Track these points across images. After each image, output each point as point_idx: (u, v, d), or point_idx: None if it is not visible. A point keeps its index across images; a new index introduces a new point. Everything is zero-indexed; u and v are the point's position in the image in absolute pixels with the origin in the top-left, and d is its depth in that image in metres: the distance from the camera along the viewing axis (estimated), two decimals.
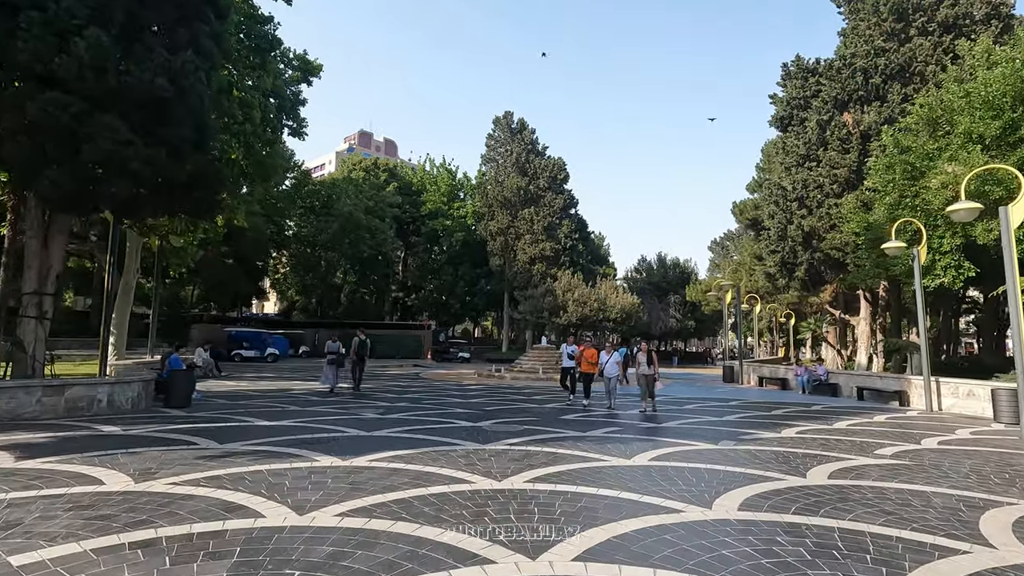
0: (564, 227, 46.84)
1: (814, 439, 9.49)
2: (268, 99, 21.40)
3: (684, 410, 13.65)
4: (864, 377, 18.51)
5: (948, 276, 16.84)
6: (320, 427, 9.53)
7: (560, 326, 43.44)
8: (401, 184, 53.22)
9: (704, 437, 9.39)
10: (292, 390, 16.67)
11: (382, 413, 11.58)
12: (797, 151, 24.86)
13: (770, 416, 12.78)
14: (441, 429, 9.60)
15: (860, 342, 25.93)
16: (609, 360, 13.37)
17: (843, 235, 22.32)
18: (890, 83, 22.58)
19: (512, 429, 9.75)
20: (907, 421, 12.48)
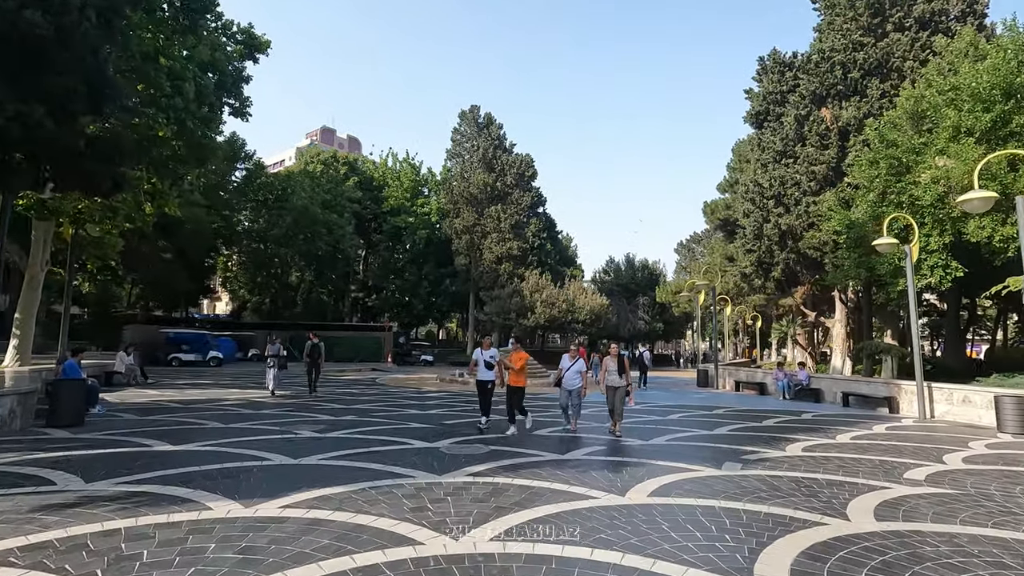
0: (532, 226, 45.42)
1: (826, 458, 8.18)
2: (205, 73, 19.16)
3: (669, 422, 12.26)
4: (849, 382, 17.63)
5: (936, 276, 16.07)
6: (237, 452, 7.66)
7: (528, 328, 41.99)
8: (362, 179, 50.75)
9: (702, 458, 7.96)
10: (225, 400, 14.57)
11: (322, 431, 9.74)
12: (774, 147, 24.06)
13: (764, 428, 11.51)
14: (389, 453, 7.86)
15: (835, 345, 25.32)
16: (571, 367, 10.20)
17: (822, 234, 21.53)
18: (869, 78, 21.96)
19: (475, 451, 8.10)
20: (909, 432, 11.40)
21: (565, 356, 10.52)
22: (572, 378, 10.26)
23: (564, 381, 10.31)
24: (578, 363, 10.28)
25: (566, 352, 10.71)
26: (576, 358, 10.36)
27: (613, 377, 9.90)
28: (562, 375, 10.34)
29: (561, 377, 10.38)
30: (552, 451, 8.25)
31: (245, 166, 39.86)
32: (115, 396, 14.82)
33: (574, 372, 10.26)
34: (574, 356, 10.37)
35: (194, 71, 18.08)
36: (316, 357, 16.37)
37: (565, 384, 10.29)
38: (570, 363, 10.28)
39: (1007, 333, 43.78)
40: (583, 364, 10.39)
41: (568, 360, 10.37)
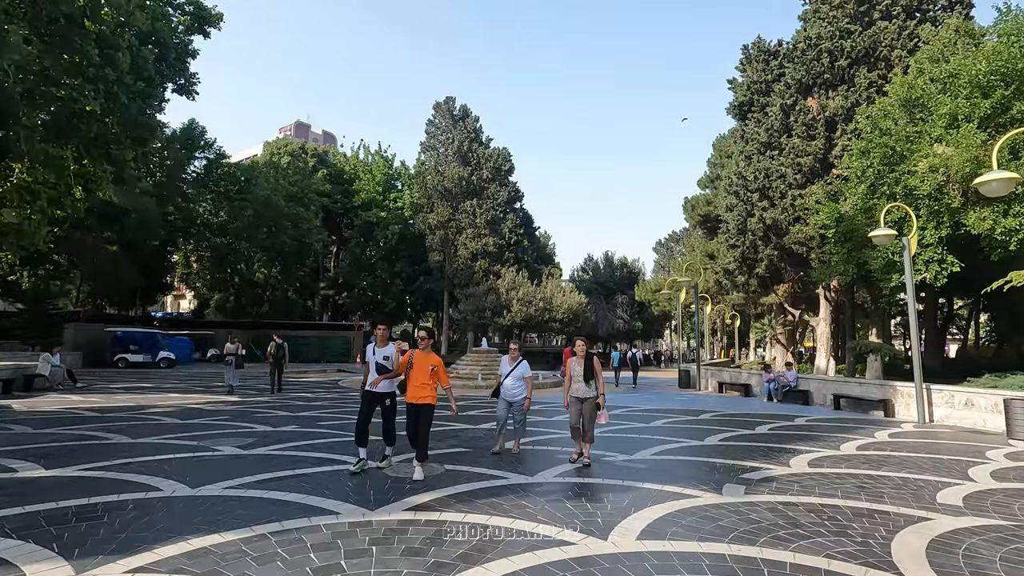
0: (509, 221, 44.03)
1: (839, 476, 6.99)
2: (145, 44, 17.34)
3: (654, 430, 11.01)
4: (840, 383, 16.68)
5: (931, 272, 15.15)
6: (124, 479, 6.12)
7: (503, 327, 40.63)
8: (332, 172, 48.68)
9: (697, 478, 6.69)
10: (156, 407, 12.86)
11: (248, 446, 8.23)
12: (758, 138, 23.11)
13: (759, 436, 10.33)
14: (319, 477, 6.40)
15: (819, 344, 24.52)
16: (511, 372, 8.15)
17: (809, 228, 20.61)
18: (857, 67, 21.13)
19: (428, 473, 6.69)
20: (916, 440, 10.34)
21: (504, 358, 8.37)
22: (512, 386, 8.12)
23: (503, 390, 8.12)
24: (520, 366, 8.20)
25: (506, 353, 8.53)
26: (518, 360, 8.25)
27: (579, 385, 7.39)
28: (500, 382, 8.22)
29: (499, 385, 8.22)
30: (518, 471, 6.89)
31: (205, 155, 37.59)
32: (25, 403, 13.02)
33: (515, 379, 8.11)
34: (515, 358, 8.27)
35: (130, 40, 16.26)
36: (280, 357, 17.13)
37: (504, 394, 8.11)
38: (510, 367, 8.19)
39: (978, 332, 44.03)
40: (527, 367, 8.25)
41: (507, 363, 8.27)
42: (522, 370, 8.18)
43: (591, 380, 7.38)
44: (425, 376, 6.55)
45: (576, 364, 7.51)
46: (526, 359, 8.32)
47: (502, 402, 8.17)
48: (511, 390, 8.12)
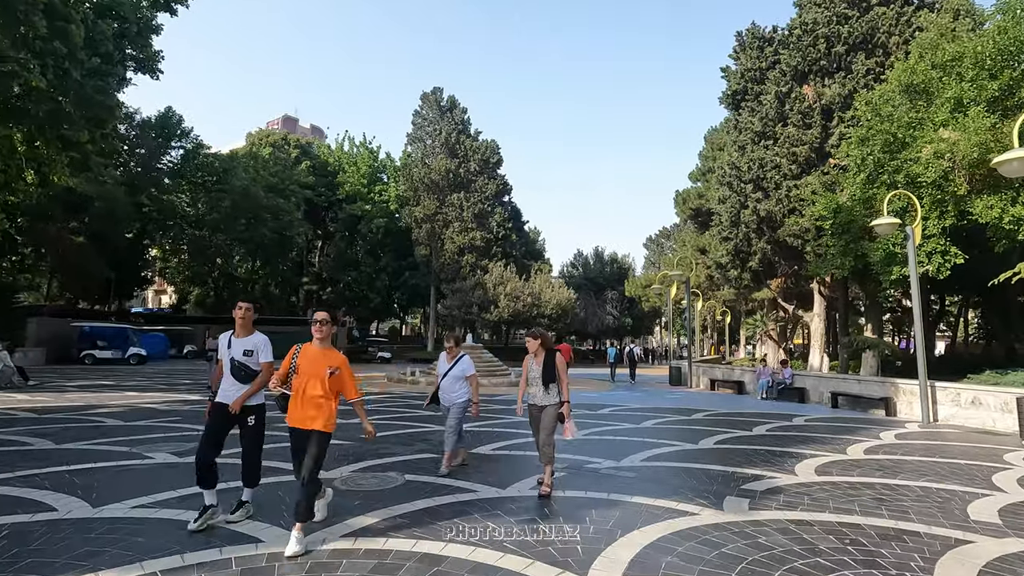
0: (497, 215, 43.09)
1: (852, 486, 6.18)
2: (103, 18, 16.19)
3: (644, 431, 10.17)
4: (838, 381, 15.97)
5: (933, 264, 14.45)
6: (15, 495, 5.20)
7: (491, 323, 39.76)
8: (316, 164, 47.41)
9: (694, 489, 5.85)
10: (106, 407, 11.83)
11: (186, 452, 7.27)
12: (752, 128, 22.36)
13: (758, 439, 9.53)
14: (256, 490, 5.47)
15: (814, 340, 23.88)
16: (450, 371, 6.69)
17: (804, 220, 19.90)
18: (854, 53, 20.41)
19: (383, 485, 5.80)
20: (925, 443, 9.60)
21: (442, 355, 6.90)
22: (452, 388, 6.65)
23: (440, 393, 6.72)
24: (461, 364, 6.70)
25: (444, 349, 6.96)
26: (459, 356, 6.78)
27: (536, 389, 5.73)
28: (437, 384, 6.79)
29: (436, 389, 6.79)
30: (489, 482, 6.01)
31: (182, 144, 36.25)
32: None
33: (455, 379, 6.64)
34: (454, 354, 6.77)
35: (84, 12, 15.12)
36: None
37: (442, 398, 6.71)
38: (447, 364, 6.74)
39: (967, 329, 43.88)
40: (469, 364, 6.77)
41: (445, 360, 6.78)
42: (462, 368, 6.70)
43: (550, 383, 5.68)
44: (319, 385, 4.13)
45: (533, 363, 5.80)
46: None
47: (444, 409, 6.75)
48: (450, 393, 6.65)
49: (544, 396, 5.72)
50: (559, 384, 5.71)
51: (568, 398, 5.70)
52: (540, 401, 5.73)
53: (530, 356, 5.85)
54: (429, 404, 6.89)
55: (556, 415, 5.64)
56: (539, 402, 5.74)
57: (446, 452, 6.47)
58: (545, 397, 5.71)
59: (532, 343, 5.84)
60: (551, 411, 5.67)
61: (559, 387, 5.71)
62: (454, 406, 6.64)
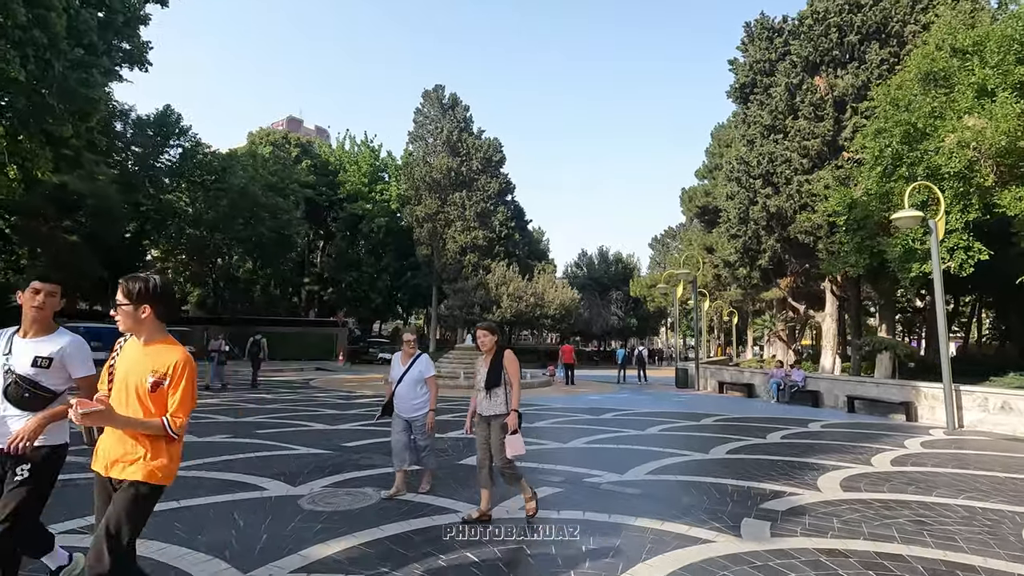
0: (499, 214, 42.43)
1: (884, 504, 5.47)
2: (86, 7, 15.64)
3: (650, 439, 9.48)
4: (855, 384, 15.22)
5: (956, 260, 13.68)
6: None
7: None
8: (316, 163, 46.90)
9: (706, 510, 5.15)
10: None
11: None
12: (761, 121, 21.61)
13: (772, 446, 8.82)
14: (208, 511, 4.84)
15: (825, 341, 23.08)
16: (405, 375, 5.51)
17: (817, 216, 19.14)
18: (868, 43, 19.64)
19: (355, 504, 5.14)
20: (956, 452, 8.87)
21: (395, 357, 5.71)
22: (409, 396, 5.48)
23: (395, 401, 5.53)
24: (418, 365, 5.53)
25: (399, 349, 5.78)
26: (415, 356, 5.58)
27: (481, 395, 4.81)
28: (391, 391, 5.57)
29: (390, 397, 5.58)
30: (474, 501, 5.32)
31: (180, 143, 35.80)
32: None
33: (412, 384, 5.47)
34: (411, 353, 5.59)
35: (68, 1, 14.56)
36: (256, 353, 17.50)
37: (398, 408, 5.52)
38: (402, 366, 5.54)
39: (980, 330, 42.96)
40: (428, 365, 5.60)
41: (399, 362, 5.60)
42: (420, 369, 5.52)
43: (494, 387, 4.69)
44: (140, 402, 2.44)
45: (480, 364, 4.87)
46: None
47: (397, 421, 5.53)
48: (410, 401, 5.46)
49: (488, 404, 4.71)
50: (508, 389, 4.72)
51: (517, 407, 4.67)
52: (484, 410, 4.75)
53: (482, 356, 4.86)
54: (382, 416, 5.64)
55: (502, 429, 4.63)
56: (483, 411, 4.76)
57: (427, 470, 5.59)
58: (489, 405, 4.71)
59: (486, 337, 4.81)
60: (498, 424, 4.65)
61: (507, 393, 4.72)
62: (415, 418, 5.47)
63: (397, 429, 5.51)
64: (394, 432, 5.53)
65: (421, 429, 5.48)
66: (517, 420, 4.62)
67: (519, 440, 4.59)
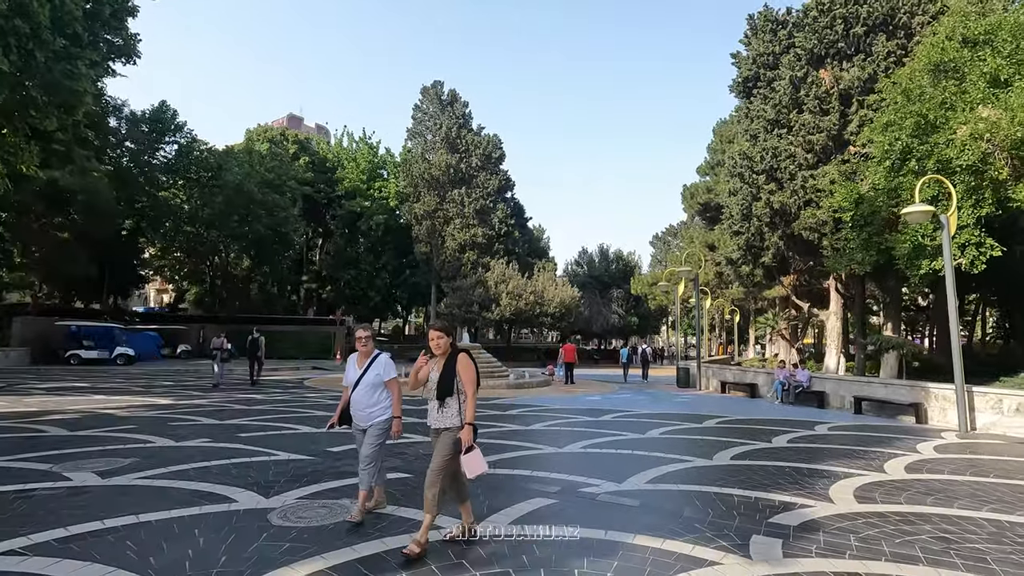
0: (499, 211, 41.98)
1: (902, 517, 5.06)
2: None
3: (650, 443, 9.07)
4: (862, 384, 14.78)
5: (967, 256, 13.26)
6: None
7: (493, 322, 38.70)
8: (314, 160, 46.48)
9: (711, 525, 4.75)
10: (61, 412, 10.85)
11: (114, 471, 6.25)
12: (765, 116, 21.16)
13: (778, 451, 8.41)
14: (164, 528, 4.43)
15: (830, 340, 22.66)
16: (362, 378, 4.71)
17: (821, 212, 18.70)
18: (874, 35, 19.18)
19: (328, 518, 4.74)
20: (970, 456, 8.45)
21: (352, 358, 4.93)
22: (366, 403, 4.67)
23: (352, 409, 4.75)
24: (376, 365, 4.73)
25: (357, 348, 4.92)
26: (373, 355, 4.78)
27: (432, 406, 4.17)
28: (346, 397, 4.81)
29: (345, 403, 4.82)
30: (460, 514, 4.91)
31: (175, 139, 35.40)
32: None
33: (370, 388, 4.67)
34: (368, 352, 4.82)
35: None
36: (255, 351, 17.69)
37: (355, 415, 4.75)
38: (358, 369, 4.76)
39: (984, 328, 42.58)
40: (388, 366, 4.77)
41: (354, 364, 4.84)
42: (378, 371, 4.70)
43: (449, 396, 4.06)
44: None
45: (433, 368, 4.18)
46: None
47: (359, 434, 4.80)
48: (366, 408, 4.66)
49: (438, 416, 4.10)
50: (462, 399, 4.05)
51: (472, 419, 4.02)
52: (434, 422, 4.15)
53: (435, 357, 4.18)
54: (338, 425, 4.88)
55: (452, 443, 4.00)
56: (432, 423, 4.16)
57: (361, 491, 4.67)
58: (439, 417, 4.09)
59: (440, 339, 4.12)
60: (448, 437, 4.03)
61: (460, 403, 4.06)
62: (372, 427, 4.66)
63: (360, 442, 4.79)
64: (359, 446, 4.80)
65: (375, 437, 4.64)
66: (472, 434, 3.98)
67: (478, 457, 3.97)
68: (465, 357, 4.12)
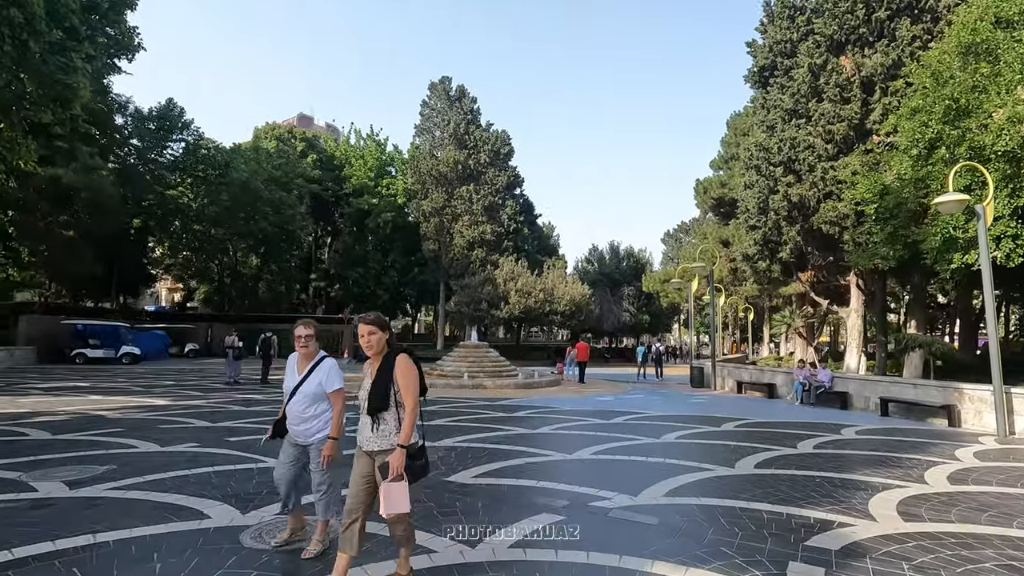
0: (508, 208, 41.41)
1: (957, 539, 4.45)
2: None
3: (666, 448, 8.47)
4: (889, 384, 14.04)
5: (1003, 250, 12.46)
6: None
7: (501, 320, 38.17)
8: (323, 158, 46.20)
9: (741, 547, 4.17)
10: (52, 414, 10.48)
11: (86, 481, 5.80)
12: (782, 105, 20.38)
13: (805, 458, 7.78)
14: (122, 550, 3.94)
15: (850, 338, 21.84)
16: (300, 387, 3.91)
17: (843, 204, 17.93)
18: (898, 19, 18.34)
19: (304, 540, 4.20)
20: (1016, 463, 7.77)
21: (292, 359, 4.05)
22: (305, 411, 3.91)
23: (289, 422, 3.98)
24: (319, 371, 3.94)
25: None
26: (317, 359, 4.00)
27: (363, 422, 3.34)
28: (284, 404, 4.00)
29: (282, 414, 4.04)
30: (456, 533, 4.36)
31: (183, 137, 35.23)
32: None
33: (310, 398, 3.91)
34: (310, 355, 4.00)
35: None
36: (267, 350, 17.84)
37: (292, 430, 3.98)
38: (299, 374, 3.97)
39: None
40: (333, 372, 3.95)
41: (294, 367, 4.02)
42: (320, 379, 3.91)
43: (383, 410, 3.22)
44: None
45: (365, 374, 3.39)
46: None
47: (286, 448, 4.03)
48: (304, 423, 3.91)
49: (372, 434, 3.24)
50: (401, 412, 3.20)
51: (407, 440, 3.14)
52: (366, 443, 3.27)
53: (370, 360, 3.35)
54: (272, 438, 4.05)
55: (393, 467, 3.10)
56: (363, 444, 3.30)
57: (319, 521, 4.01)
58: (373, 436, 3.23)
59: (372, 336, 3.26)
60: (388, 463, 3.12)
61: (398, 417, 3.20)
62: (311, 443, 3.90)
63: (284, 459, 3.99)
64: (279, 462, 4.00)
65: (318, 457, 3.84)
66: (402, 460, 3.09)
67: (402, 492, 3.07)
68: (405, 360, 3.28)
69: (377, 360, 3.31)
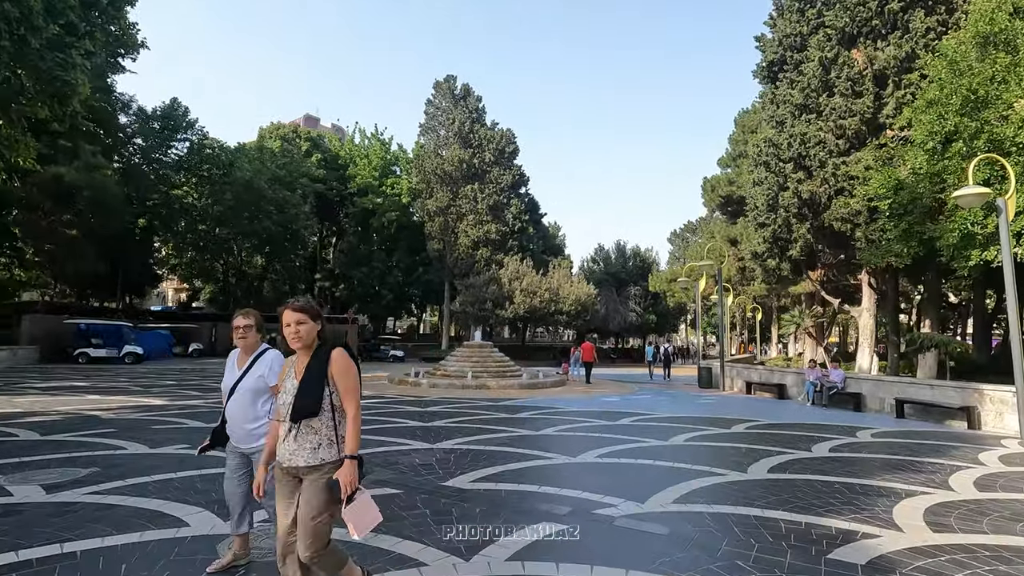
0: (513, 207, 41.13)
1: (993, 552, 4.11)
2: None
3: (675, 452, 8.13)
4: (905, 385, 13.60)
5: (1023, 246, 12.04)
6: None
7: (506, 320, 37.88)
8: (327, 157, 46.08)
9: (759, 560, 3.86)
10: (46, 414, 10.27)
11: (67, 484, 5.55)
12: (792, 100, 19.96)
13: (821, 462, 7.42)
14: (88, 562, 3.66)
15: (863, 338, 21.38)
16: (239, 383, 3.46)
17: (855, 201, 17.50)
18: (912, 10, 17.89)
19: None
20: None
21: (232, 356, 3.66)
22: (247, 413, 3.42)
23: (229, 426, 3.51)
24: (260, 363, 3.47)
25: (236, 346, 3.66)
26: (259, 351, 3.54)
27: (285, 434, 2.61)
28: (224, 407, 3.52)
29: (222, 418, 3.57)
30: (446, 543, 4.05)
31: (187, 136, 35.16)
32: None
33: (251, 395, 3.42)
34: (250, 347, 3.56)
35: None
36: None
37: (232, 434, 3.50)
38: (239, 370, 3.53)
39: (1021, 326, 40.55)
40: (277, 365, 3.37)
41: (234, 364, 3.60)
42: (262, 373, 3.43)
43: (311, 416, 2.58)
44: None
45: (288, 374, 2.75)
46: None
47: (231, 458, 3.59)
48: (242, 424, 3.44)
49: (295, 446, 2.59)
50: (337, 419, 2.63)
51: (356, 449, 2.58)
52: (287, 457, 2.60)
53: (294, 364, 2.73)
54: (209, 448, 3.64)
55: (325, 490, 2.54)
56: (285, 459, 2.61)
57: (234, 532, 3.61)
58: (297, 448, 2.58)
59: (300, 325, 2.65)
60: (316, 483, 2.56)
61: (336, 426, 2.63)
62: (254, 450, 3.38)
63: (230, 472, 3.54)
64: (227, 476, 3.55)
65: None
66: (356, 474, 2.55)
67: (367, 506, 2.61)
68: (342, 355, 2.66)
69: (306, 355, 2.68)
